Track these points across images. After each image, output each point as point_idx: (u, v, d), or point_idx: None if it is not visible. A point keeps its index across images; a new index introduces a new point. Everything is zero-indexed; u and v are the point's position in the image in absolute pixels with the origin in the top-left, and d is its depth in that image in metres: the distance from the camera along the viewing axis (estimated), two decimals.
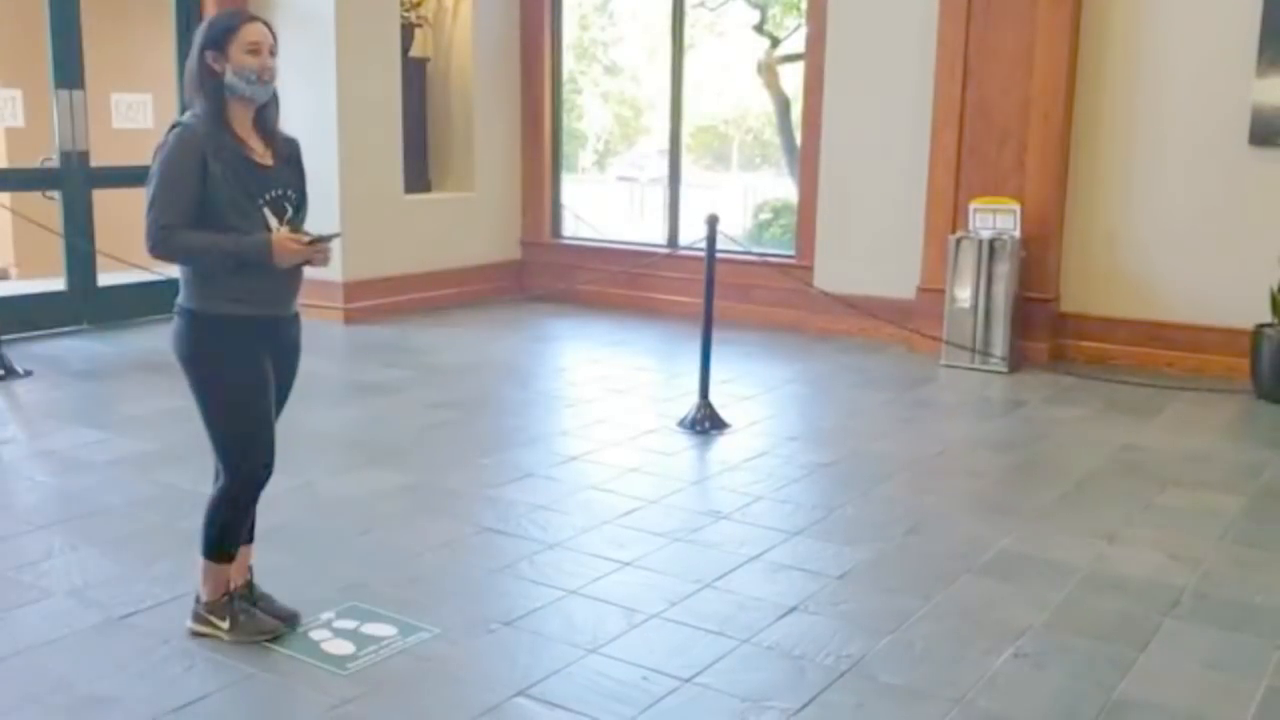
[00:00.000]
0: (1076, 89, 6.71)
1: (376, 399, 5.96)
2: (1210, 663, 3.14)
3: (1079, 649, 3.20)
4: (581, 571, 3.68)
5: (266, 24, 3.02)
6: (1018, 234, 6.60)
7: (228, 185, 2.88)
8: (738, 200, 11.81)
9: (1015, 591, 3.60)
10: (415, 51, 8.64)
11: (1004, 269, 6.58)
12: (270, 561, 3.63)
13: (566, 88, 9.38)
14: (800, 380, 6.57)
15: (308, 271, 3.06)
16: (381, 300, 7.99)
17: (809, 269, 7.67)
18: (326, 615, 3.30)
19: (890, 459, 5.04)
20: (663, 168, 9.18)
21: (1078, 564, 3.80)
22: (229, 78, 2.91)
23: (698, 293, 5.58)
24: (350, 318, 7.76)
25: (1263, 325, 5.97)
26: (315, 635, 3.19)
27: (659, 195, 9.26)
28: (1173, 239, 6.55)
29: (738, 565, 3.76)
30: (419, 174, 8.65)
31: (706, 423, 5.39)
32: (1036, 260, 6.72)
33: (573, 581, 3.58)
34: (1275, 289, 5.88)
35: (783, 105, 11.44)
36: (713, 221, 5.44)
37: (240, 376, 2.98)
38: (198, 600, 3.17)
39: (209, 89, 2.92)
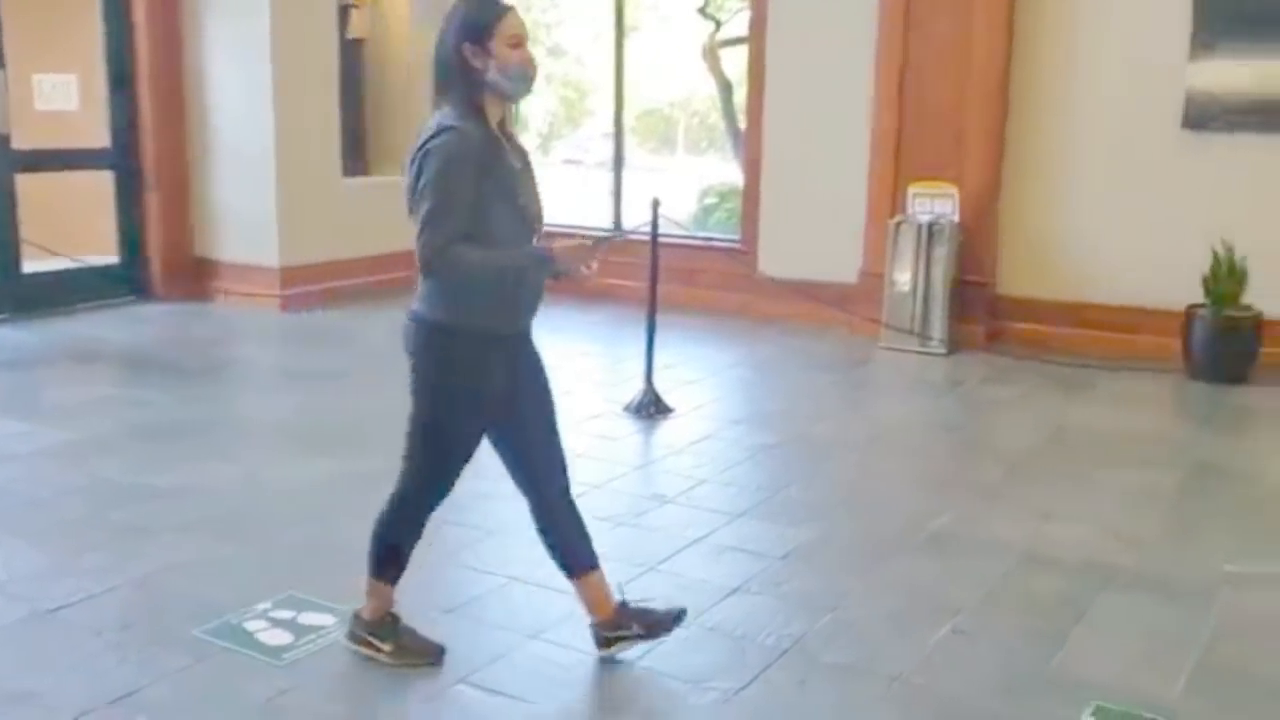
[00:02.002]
0: (1013, 74, 6.78)
1: (316, 386, 5.88)
2: (1143, 636, 3.20)
3: (1015, 625, 3.25)
4: (524, 558, 3.64)
5: None
6: (956, 218, 6.66)
7: (502, 196, 2.66)
8: (684, 184, 11.81)
9: (953, 569, 3.64)
10: (352, 32, 8.51)
11: (942, 253, 6.65)
12: (209, 552, 3.57)
13: None
14: (745, 364, 6.59)
15: (257, 259, 2.93)
16: (320, 286, 7.87)
17: (754, 253, 7.69)
18: (263, 605, 3.24)
19: (832, 440, 5.07)
20: (608, 151, 9.15)
21: (1014, 541, 3.85)
22: (491, 75, 2.63)
23: (642, 277, 5.56)
24: (288, 304, 7.64)
25: (1194, 306, 6.08)
26: (250, 626, 3.13)
27: (604, 179, 9.22)
28: (1108, 222, 6.65)
29: (681, 548, 3.76)
30: (357, 157, 8.52)
31: (651, 407, 5.38)
32: (973, 244, 6.79)
33: (515, 568, 3.56)
34: (1206, 271, 5.99)
35: (726, 89, 11.45)
36: (655, 205, 5.43)
37: (467, 396, 2.76)
38: (357, 618, 3.00)
39: (466, 86, 2.64)
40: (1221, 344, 6.02)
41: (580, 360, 6.61)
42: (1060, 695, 2.86)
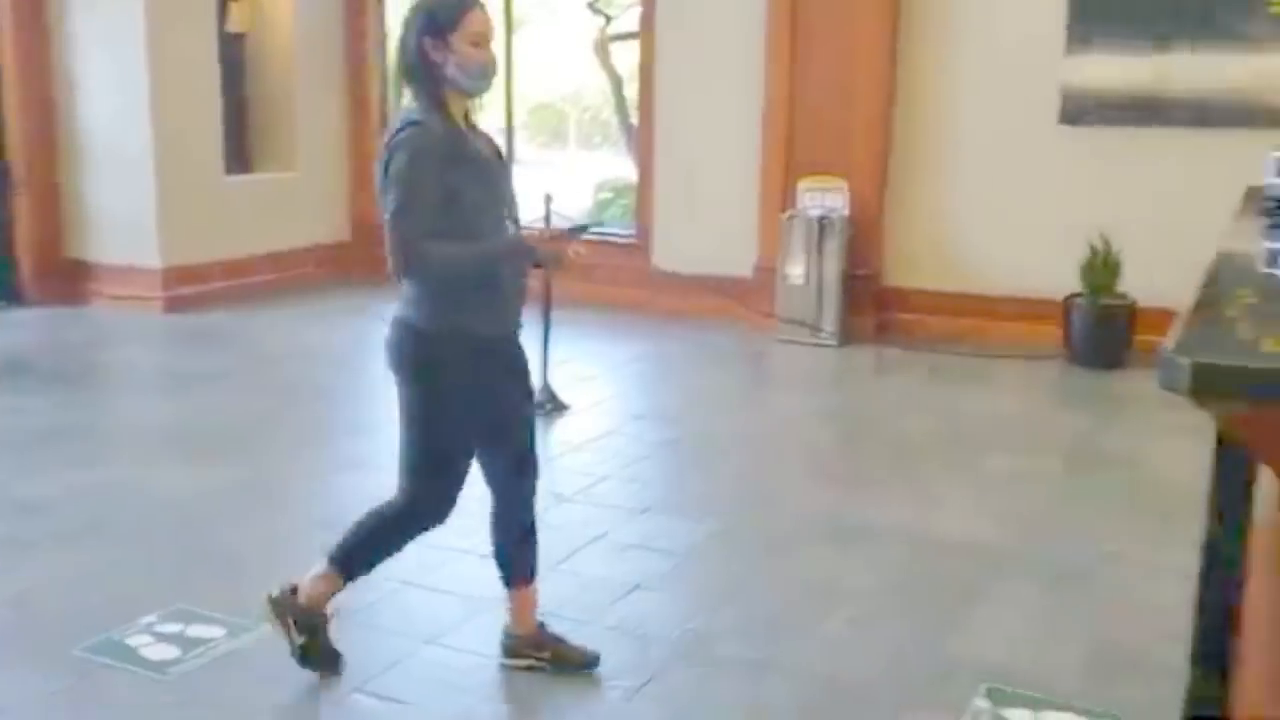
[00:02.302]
0: (897, 70, 6.91)
1: (200, 390, 5.69)
2: (1030, 617, 3.29)
3: (909, 611, 3.31)
4: (418, 562, 3.58)
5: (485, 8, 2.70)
6: (845, 212, 6.77)
7: (475, 188, 2.61)
8: (577, 180, 11.78)
9: (849, 558, 3.69)
10: (232, 26, 8.26)
11: (833, 246, 6.75)
12: (89, 564, 3.42)
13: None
14: (642, 359, 6.59)
15: (136, 261, 2.82)
16: (203, 287, 7.63)
17: (649, 248, 7.70)
18: (147, 619, 3.12)
19: (730, 434, 5.11)
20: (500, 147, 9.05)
21: (907, 529, 3.93)
22: (450, 70, 2.60)
23: (535, 273, 5.51)
24: (170, 305, 7.38)
25: (1073, 295, 6.29)
26: (134, 641, 3.02)
27: None
28: (989, 215, 6.83)
29: (581, 546, 3.75)
30: (239, 154, 8.29)
31: (548, 404, 5.34)
32: (863, 238, 6.91)
33: (409, 572, 3.49)
34: (1084, 261, 6.20)
35: (617, 84, 11.46)
36: (548, 200, 5.39)
37: (458, 399, 2.68)
38: (291, 594, 2.85)
39: (426, 79, 2.61)
40: (1098, 331, 6.23)
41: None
42: (954, 678, 2.92)
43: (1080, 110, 6.53)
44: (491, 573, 3.52)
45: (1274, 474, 1.19)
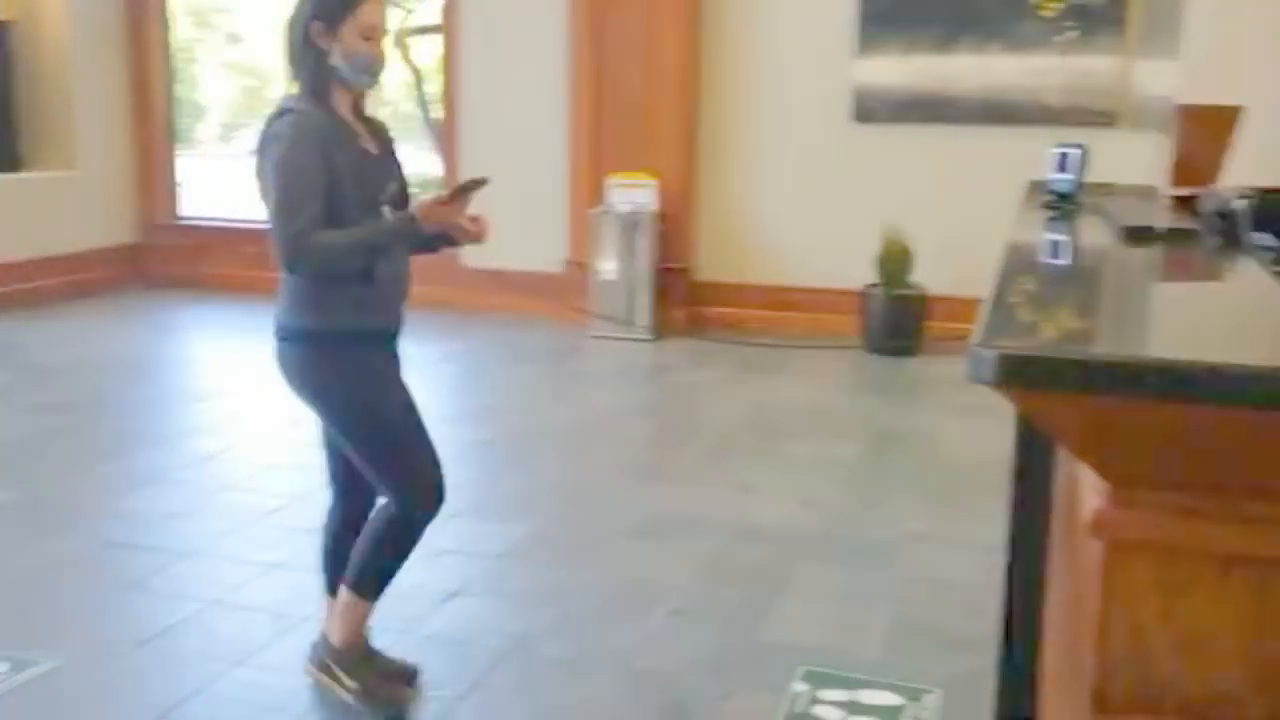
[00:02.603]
0: (702, 67, 7.03)
1: None
2: (841, 599, 3.40)
3: (725, 599, 3.37)
4: (223, 580, 3.42)
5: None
6: (655, 207, 6.84)
7: (352, 181, 2.48)
8: None
9: (666, 551, 3.73)
10: None
11: (644, 241, 6.81)
12: None
13: (180, 56, 8.69)
14: (452, 359, 6.48)
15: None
16: None
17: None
18: None
19: (545, 432, 5.08)
20: None
21: (721, 518, 4.00)
22: (335, 60, 2.48)
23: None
24: None
25: (870, 285, 6.55)
26: None
27: None
28: (792, 209, 7.04)
29: None
30: (8, 151, 7.70)
31: None
32: (673, 232, 7.00)
33: (213, 591, 3.32)
34: (879, 252, 6.46)
35: (418, 78, 11.23)
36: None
37: (383, 391, 2.59)
38: (324, 642, 2.71)
39: (311, 66, 2.48)
40: (893, 320, 6.52)
41: (273, 364, 6.26)
42: (773, 664, 2.99)
43: (871, 108, 6.80)
44: (306, 586, 3.40)
45: (1085, 462, 1.24)
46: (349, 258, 2.50)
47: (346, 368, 2.58)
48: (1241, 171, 3.11)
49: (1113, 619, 1.28)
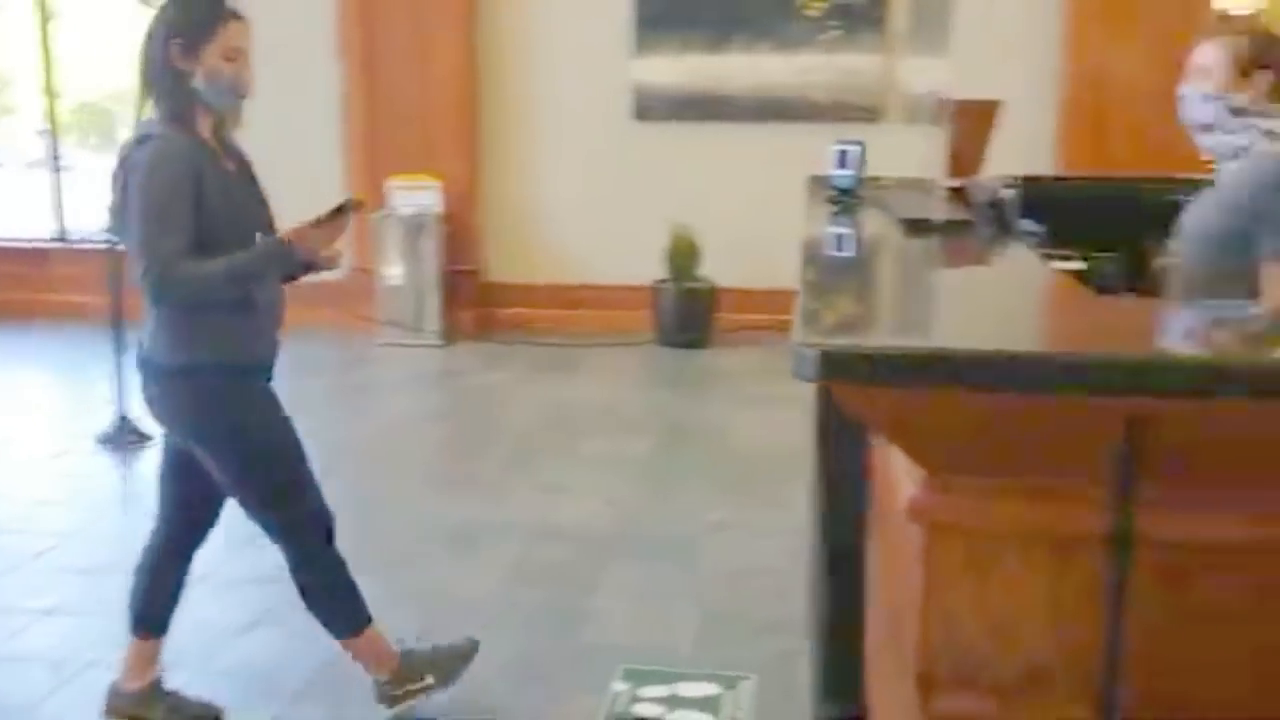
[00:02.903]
0: (479, 68, 6.95)
1: None
2: (651, 594, 3.42)
3: (537, 604, 3.34)
4: None
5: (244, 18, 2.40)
6: (439, 210, 6.72)
7: (223, 208, 2.35)
8: None
9: (474, 560, 3.66)
10: None
11: (429, 245, 6.68)
12: None
13: None
14: None
15: None
16: None
17: None
18: None
19: (338, 447, 4.89)
20: (41, 150, 8.10)
21: (525, 522, 3.96)
22: (197, 81, 2.35)
23: (101, 290, 4.98)
24: None
25: (660, 281, 6.65)
26: None
27: (42, 181, 8.15)
28: (577, 207, 7.06)
29: (188, 588, 3.42)
30: None
31: (129, 436, 4.85)
32: (459, 234, 6.90)
33: None
34: (666, 248, 6.57)
35: None
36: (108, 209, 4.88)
37: (273, 424, 2.50)
38: (382, 684, 2.68)
39: (171, 87, 2.35)
40: (684, 314, 6.64)
41: (34, 391, 5.82)
42: (590, 665, 2.98)
43: (650, 107, 6.90)
44: (86, 630, 3.16)
45: (902, 450, 1.28)
46: (224, 287, 2.37)
47: (234, 403, 2.46)
48: (1000, 161, 3.34)
49: (932, 600, 1.33)
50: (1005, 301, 1.54)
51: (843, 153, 2.77)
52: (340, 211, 2.46)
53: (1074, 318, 1.42)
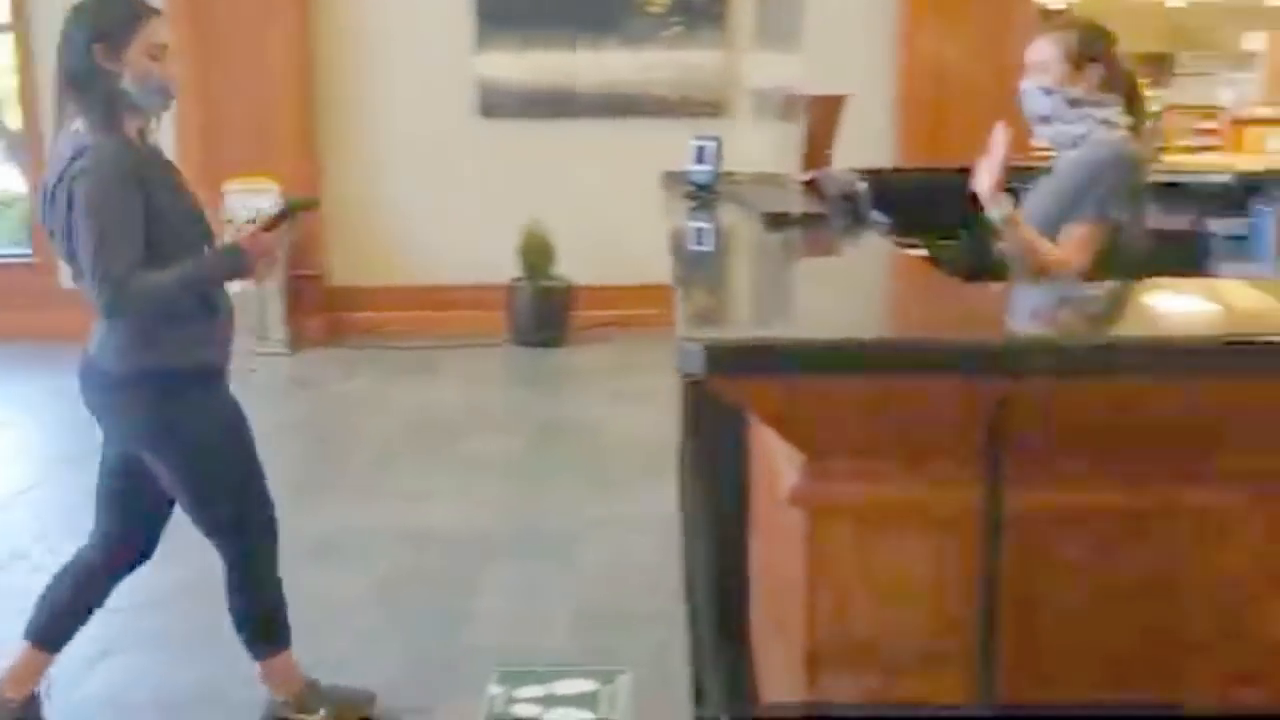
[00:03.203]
0: (318, 65, 6.78)
1: None
2: (527, 594, 3.42)
3: (411, 612, 3.29)
4: None
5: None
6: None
7: (172, 215, 2.31)
8: None
9: (342, 571, 3.58)
10: None
11: None
12: None
13: None
14: (63, 395, 5.76)
15: None
16: None
17: (53, 266, 6.83)
18: None
19: None
20: None
21: (395, 529, 3.89)
22: (126, 83, 2.27)
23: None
24: None
25: (515, 280, 6.62)
26: None
27: None
28: (425, 207, 6.95)
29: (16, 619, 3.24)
30: None
31: None
32: (301, 238, 6.69)
33: None
34: (519, 246, 6.53)
35: None
36: None
37: (235, 431, 2.48)
38: (278, 704, 2.62)
39: (100, 94, 2.26)
40: (540, 312, 6.62)
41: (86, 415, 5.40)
42: (467, 669, 2.95)
43: (496, 104, 6.85)
44: None
45: (784, 438, 1.31)
46: (179, 297, 2.33)
47: (195, 409, 2.43)
48: (843, 154, 3.45)
49: (817, 582, 1.38)
50: (874, 291, 1.60)
51: (700, 148, 2.82)
52: (283, 216, 2.44)
53: (941, 304, 1.49)
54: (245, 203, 6.47)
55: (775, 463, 1.45)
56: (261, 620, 2.61)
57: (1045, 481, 1.28)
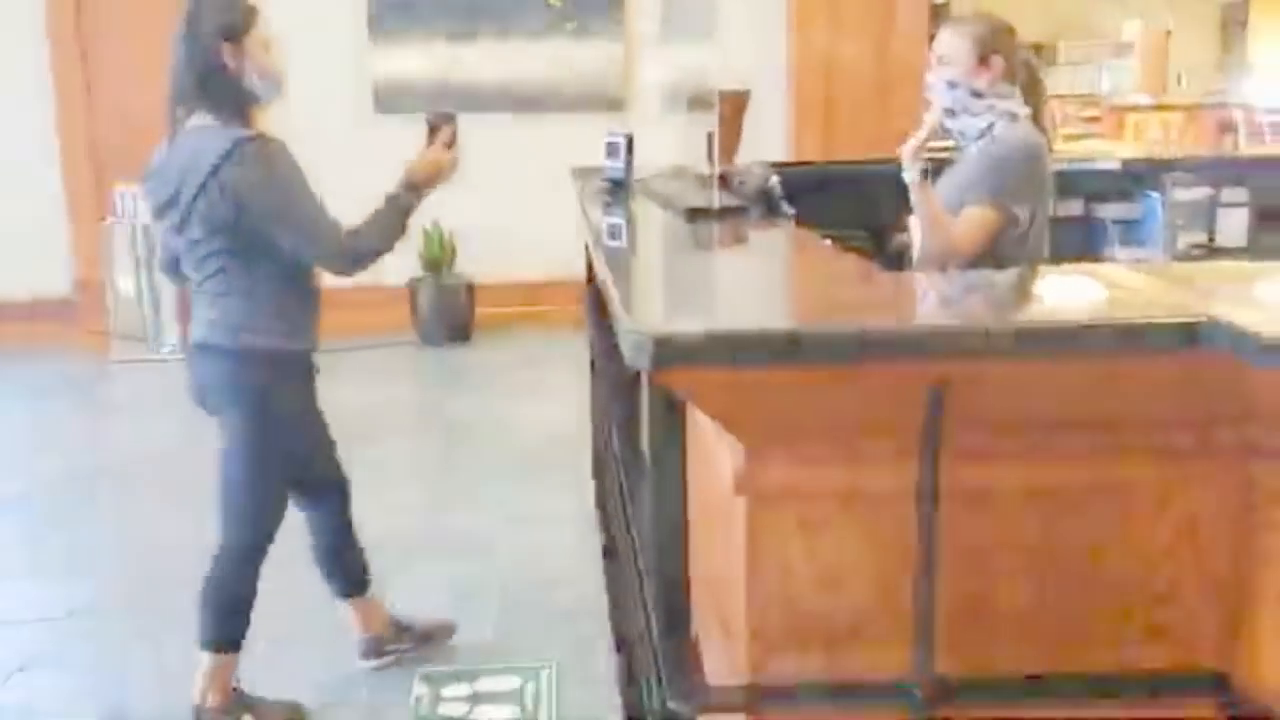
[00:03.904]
0: None
1: None
2: (447, 595, 3.40)
3: (330, 617, 3.22)
4: None
5: None
6: None
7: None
8: None
9: (260, 578, 3.51)
10: None
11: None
12: None
13: None
14: None
15: None
16: None
17: None
18: None
19: (86, 474, 4.56)
20: None
21: (302, 538, 3.81)
22: (249, 79, 2.45)
23: None
24: None
25: (416, 279, 6.55)
26: None
27: None
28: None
29: None
30: None
31: None
32: None
33: None
34: (420, 245, 6.47)
35: None
36: None
37: (302, 427, 2.67)
38: (204, 712, 2.59)
39: (226, 89, 2.43)
40: (443, 310, 6.57)
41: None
42: (391, 670, 2.95)
43: (394, 100, 6.76)
44: None
45: (725, 428, 1.35)
46: (397, 235, 2.65)
47: (289, 393, 2.62)
48: (744, 148, 3.51)
49: (760, 567, 1.42)
50: (806, 281, 1.64)
51: (613, 144, 2.83)
52: (436, 125, 2.73)
53: (871, 292, 1.54)
54: (137, 206, 6.28)
55: (714, 451, 1.48)
56: (226, 614, 2.65)
57: (978, 462, 1.34)
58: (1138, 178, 3.74)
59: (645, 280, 1.66)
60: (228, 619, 2.65)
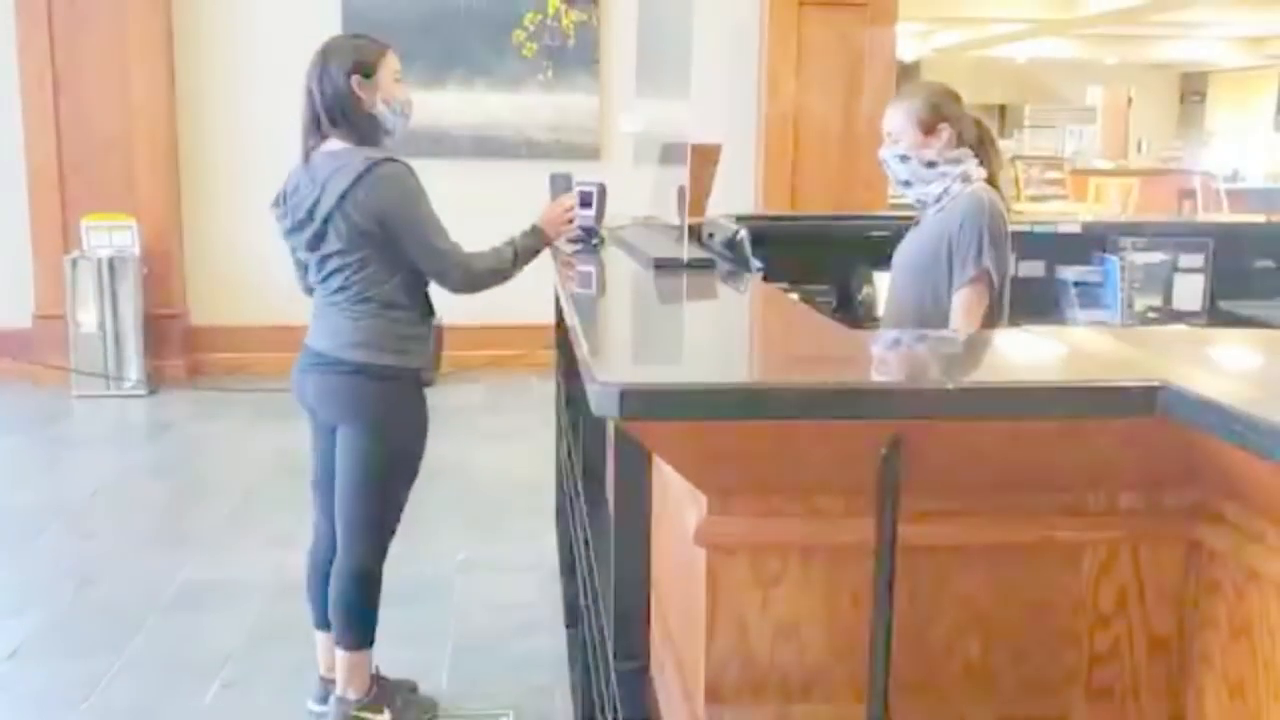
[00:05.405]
0: (180, 101, 6.61)
1: None
2: (403, 640, 3.35)
3: (279, 661, 3.21)
4: None
5: None
6: (137, 250, 6.31)
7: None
8: None
9: (209, 620, 3.48)
10: None
11: (127, 288, 6.26)
12: None
13: None
14: None
15: None
16: None
17: None
18: None
19: (39, 509, 4.49)
20: None
21: (260, 577, 3.79)
22: (380, 109, 2.62)
23: None
24: None
25: None
26: None
27: None
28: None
29: None
30: None
31: None
32: (161, 276, 6.51)
33: None
34: None
35: None
36: None
37: (418, 443, 2.76)
38: (345, 701, 2.75)
39: (360, 120, 2.61)
40: None
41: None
42: None
43: None
44: None
45: (688, 479, 1.36)
46: (513, 270, 2.76)
47: (410, 409, 2.72)
48: (713, 201, 3.56)
49: (718, 617, 1.43)
50: (771, 335, 1.67)
51: (585, 193, 2.87)
52: (557, 189, 2.93)
53: (833, 347, 1.57)
54: (102, 240, 6.25)
55: (677, 501, 1.50)
56: (363, 621, 2.78)
57: (930, 520, 1.36)
58: (1098, 240, 3.82)
59: (613, 330, 1.68)
60: (359, 623, 2.78)
